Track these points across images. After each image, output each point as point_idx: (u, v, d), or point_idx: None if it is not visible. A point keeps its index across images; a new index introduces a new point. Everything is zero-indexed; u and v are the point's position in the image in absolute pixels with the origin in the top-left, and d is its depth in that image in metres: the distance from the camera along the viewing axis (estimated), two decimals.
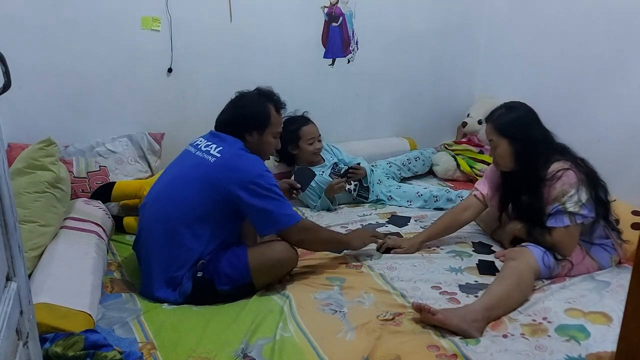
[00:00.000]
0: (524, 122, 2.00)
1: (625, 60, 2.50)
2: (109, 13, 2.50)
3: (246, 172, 1.83)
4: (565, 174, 1.88)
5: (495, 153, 2.04)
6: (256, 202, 1.81)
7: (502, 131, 1.99)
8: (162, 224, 1.86)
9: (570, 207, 1.86)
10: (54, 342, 1.34)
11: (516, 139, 1.97)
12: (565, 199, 1.87)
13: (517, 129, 1.98)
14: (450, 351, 1.52)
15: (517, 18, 3.13)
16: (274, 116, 2.01)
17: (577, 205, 1.86)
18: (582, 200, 1.87)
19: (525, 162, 1.97)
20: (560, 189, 1.88)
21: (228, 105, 2.03)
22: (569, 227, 1.88)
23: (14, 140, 2.37)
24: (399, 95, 3.33)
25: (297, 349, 1.54)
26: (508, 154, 1.99)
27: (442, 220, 2.25)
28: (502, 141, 1.99)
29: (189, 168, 1.92)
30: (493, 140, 2.02)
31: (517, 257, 1.86)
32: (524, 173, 1.99)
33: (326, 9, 2.97)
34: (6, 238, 0.89)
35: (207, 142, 1.95)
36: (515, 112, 2.03)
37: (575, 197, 1.87)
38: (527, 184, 1.99)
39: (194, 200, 1.84)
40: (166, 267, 1.84)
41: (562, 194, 1.88)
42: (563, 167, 1.90)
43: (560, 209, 1.88)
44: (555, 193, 1.89)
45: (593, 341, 1.55)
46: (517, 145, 1.97)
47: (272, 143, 2.03)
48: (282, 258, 1.88)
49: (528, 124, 2.00)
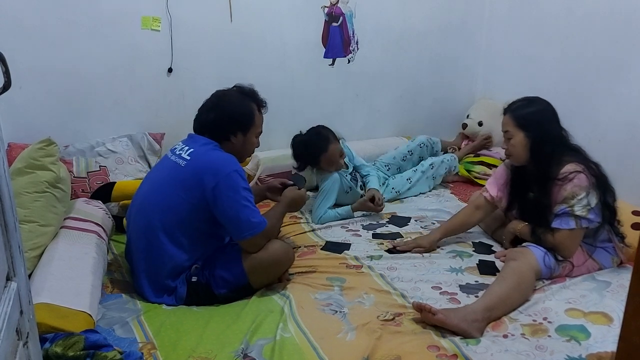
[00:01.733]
0: (543, 116, 1.98)
1: (625, 60, 2.50)
2: (109, 13, 2.50)
3: (215, 173, 1.76)
4: (577, 177, 1.86)
5: (509, 144, 2.02)
6: (222, 207, 1.77)
7: (519, 123, 1.98)
8: (143, 234, 1.84)
9: (578, 211, 1.85)
10: (54, 342, 1.34)
11: (532, 133, 1.95)
12: (575, 201, 1.85)
13: (535, 123, 1.97)
14: (451, 351, 1.52)
15: (517, 18, 3.13)
16: (257, 116, 1.97)
17: (585, 209, 1.84)
18: (591, 204, 1.85)
19: (538, 157, 1.96)
20: (570, 190, 1.86)
21: (210, 106, 1.93)
22: (573, 230, 1.87)
23: (14, 140, 2.37)
24: (399, 95, 3.33)
25: (297, 349, 1.53)
26: (522, 146, 1.97)
27: (457, 218, 2.26)
28: (518, 133, 1.98)
29: (164, 174, 1.89)
30: (509, 131, 2.00)
31: (518, 257, 1.86)
32: (536, 169, 1.98)
33: (326, 9, 2.97)
34: (6, 238, 0.89)
35: (182, 146, 1.91)
36: (534, 105, 2.01)
37: (584, 201, 1.85)
38: (536, 181, 1.98)
39: (170, 206, 1.80)
40: (155, 276, 1.83)
41: (572, 196, 1.86)
42: (576, 170, 1.87)
43: (567, 211, 1.86)
44: (565, 194, 1.87)
45: (593, 341, 1.55)
46: (532, 139, 1.95)
47: (254, 143, 2.00)
48: (277, 257, 1.86)
49: (547, 119, 1.98)
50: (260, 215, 1.83)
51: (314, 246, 2.25)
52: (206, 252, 1.88)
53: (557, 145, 1.95)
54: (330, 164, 2.55)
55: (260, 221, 1.80)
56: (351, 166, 2.75)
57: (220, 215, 1.80)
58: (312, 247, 2.24)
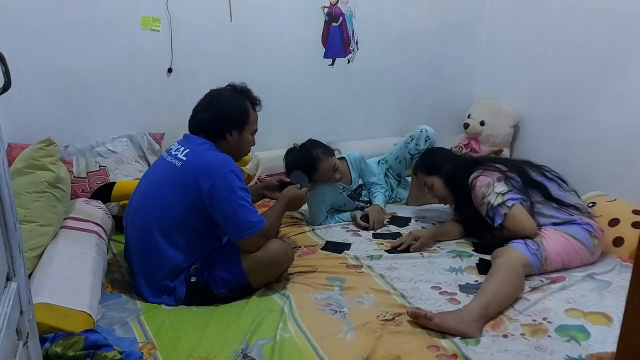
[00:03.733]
0: (436, 154, 2.42)
1: (625, 60, 2.50)
2: (109, 13, 2.50)
3: (211, 174, 1.76)
4: (477, 180, 2.09)
5: (434, 193, 2.34)
6: (219, 207, 1.76)
7: (427, 171, 2.33)
8: (140, 235, 1.84)
9: (495, 201, 2.01)
10: (54, 342, 1.34)
11: (441, 171, 2.28)
12: (487, 199, 2.03)
13: (437, 163, 2.32)
14: (450, 351, 1.52)
15: (517, 18, 3.13)
16: (252, 114, 1.97)
17: (500, 196, 2.01)
18: (502, 191, 2.02)
19: (455, 188, 2.23)
20: (479, 193, 2.06)
21: (204, 106, 1.93)
22: (508, 214, 1.99)
23: (14, 140, 2.37)
24: (399, 95, 3.33)
25: (297, 349, 1.53)
26: (442, 187, 2.28)
27: (452, 223, 2.35)
28: (432, 178, 2.30)
29: (160, 175, 1.88)
30: (426, 182, 2.33)
31: (502, 254, 1.90)
32: (461, 196, 2.21)
33: (326, 9, 2.97)
34: (6, 238, 0.89)
35: (178, 146, 1.91)
36: (428, 154, 2.48)
37: (493, 194, 2.02)
38: (466, 205, 2.19)
39: (167, 207, 1.80)
40: (153, 277, 1.84)
41: (482, 196, 2.05)
42: (475, 176, 2.11)
43: (490, 208, 2.03)
44: (479, 199, 2.07)
45: (593, 341, 1.55)
46: (444, 175, 2.27)
47: (250, 141, 2.00)
48: (277, 256, 1.86)
49: (440, 154, 2.40)
50: (258, 214, 1.83)
51: (314, 246, 2.25)
52: (204, 253, 1.88)
53: (462, 169, 2.20)
54: (325, 180, 2.46)
55: (258, 220, 1.80)
56: (356, 183, 2.63)
57: (217, 216, 1.80)
58: (312, 247, 2.25)
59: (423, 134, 2.63)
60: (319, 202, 2.51)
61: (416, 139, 2.65)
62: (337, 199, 2.59)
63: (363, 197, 2.67)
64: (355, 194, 2.64)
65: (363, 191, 2.68)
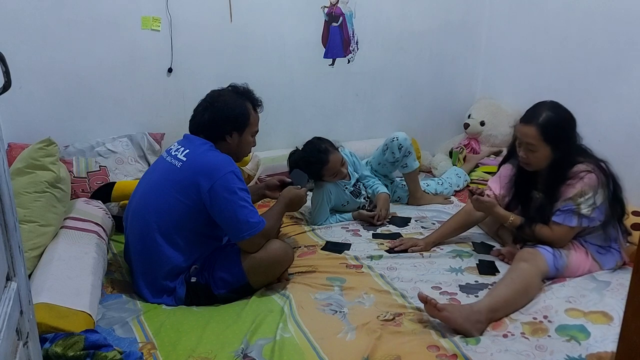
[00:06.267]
0: (570, 131, 1.93)
1: (626, 60, 2.50)
2: (109, 13, 2.50)
3: (211, 175, 1.75)
4: (587, 176, 1.87)
5: (532, 155, 1.94)
6: (219, 208, 1.76)
7: (548, 138, 1.90)
8: (140, 236, 1.84)
9: (584, 209, 1.86)
10: (54, 342, 1.34)
11: (560, 149, 1.91)
12: (582, 200, 1.86)
13: (564, 139, 1.92)
14: (451, 351, 1.52)
15: (517, 17, 3.13)
16: (253, 115, 1.96)
17: (591, 208, 1.86)
18: (597, 203, 1.86)
19: (556, 166, 1.94)
20: (579, 189, 1.87)
21: (205, 106, 1.92)
22: (573, 228, 1.89)
23: (14, 140, 2.37)
24: (399, 95, 3.33)
25: (297, 349, 1.53)
26: (545, 158, 1.93)
27: (456, 219, 2.26)
28: (544, 148, 1.91)
29: (159, 175, 1.88)
30: (534, 144, 1.91)
31: (529, 259, 1.85)
32: (548, 173, 1.97)
33: (326, 9, 2.97)
34: (6, 238, 0.89)
35: (177, 147, 1.90)
36: (560, 117, 1.93)
37: (591, 200, 1.86)
38: (546, 183, 1.97)
39: (166, 208, 1.80)
40: (153, 278, 1.83)
41: (580, 194, 1.87)
42: (587, 169, 1.88)
43: (572, 209, 1.88)
44: (573, 192, 1.88)
45: (593, 341, 1.54)
46: (558, 152, 1.92)
47: (250, 142, 1.99)
48: (277, 257, 1.86)
49: (572, 133, 1.94)
50: (259, 215, 1.83)
51: (314, 246, 2.25)
52: (204, 253, 1.88)
53: (574, 151, 1.94)
54: (333, 175, 2.47)
55: (258, 221, 1.80)
56: (354, 178, 2.65)
57: (217, 217, 1.79)
58: (312, 247, 2.25)
59: (395, 143, 2.64)
60: (325, 201, 2.51)
61: (390, 148, 2.66)
62: (341, 197, 2.60)
63: (362, 193, 2.68)
64: (356, 189, 2.65)
65: (361, 187, 2.69)
